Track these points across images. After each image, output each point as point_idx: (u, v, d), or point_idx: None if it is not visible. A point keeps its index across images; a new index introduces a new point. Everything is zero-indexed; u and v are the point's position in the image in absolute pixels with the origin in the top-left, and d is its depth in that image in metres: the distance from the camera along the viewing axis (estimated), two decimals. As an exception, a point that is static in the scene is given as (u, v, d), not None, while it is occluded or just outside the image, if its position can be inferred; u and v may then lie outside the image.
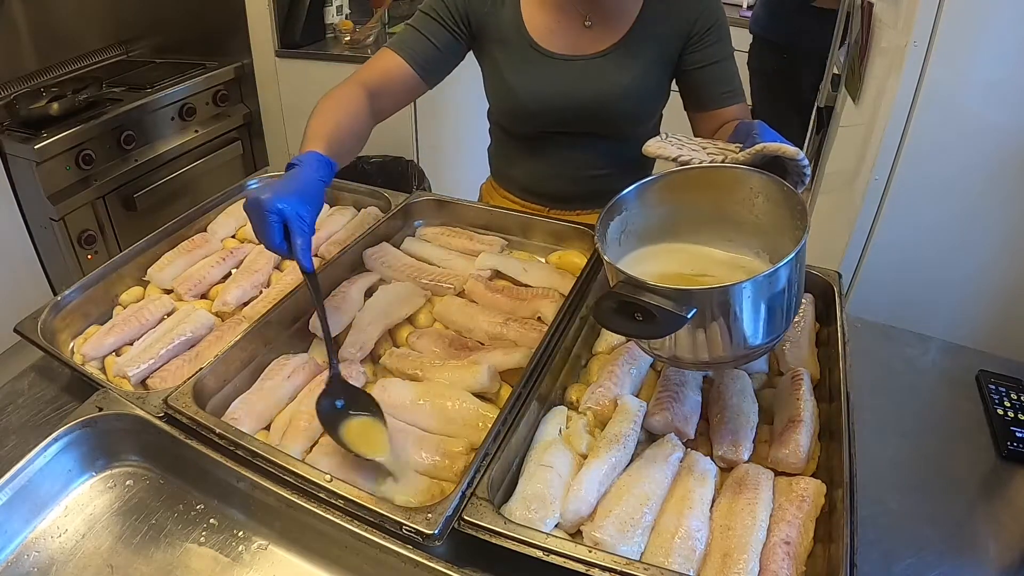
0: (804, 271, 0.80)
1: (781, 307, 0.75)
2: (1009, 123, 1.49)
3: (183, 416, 0.85)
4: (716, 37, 1.18)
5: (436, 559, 0.73)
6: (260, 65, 2.80)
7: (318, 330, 1.07)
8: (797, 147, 0.79)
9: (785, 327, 0.79)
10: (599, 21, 1.19)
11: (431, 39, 1.20)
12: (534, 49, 1.21)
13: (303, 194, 0.86)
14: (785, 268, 0.71)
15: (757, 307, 0.73)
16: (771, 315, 0.75)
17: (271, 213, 0.83)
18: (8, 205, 2.10)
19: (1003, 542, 0.87)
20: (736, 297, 0.72)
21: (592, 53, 1.21)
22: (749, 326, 0.74)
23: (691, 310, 0.69)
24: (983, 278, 1.65)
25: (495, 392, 0.97)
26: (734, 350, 0.76)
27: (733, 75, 1.21)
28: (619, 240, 0.87)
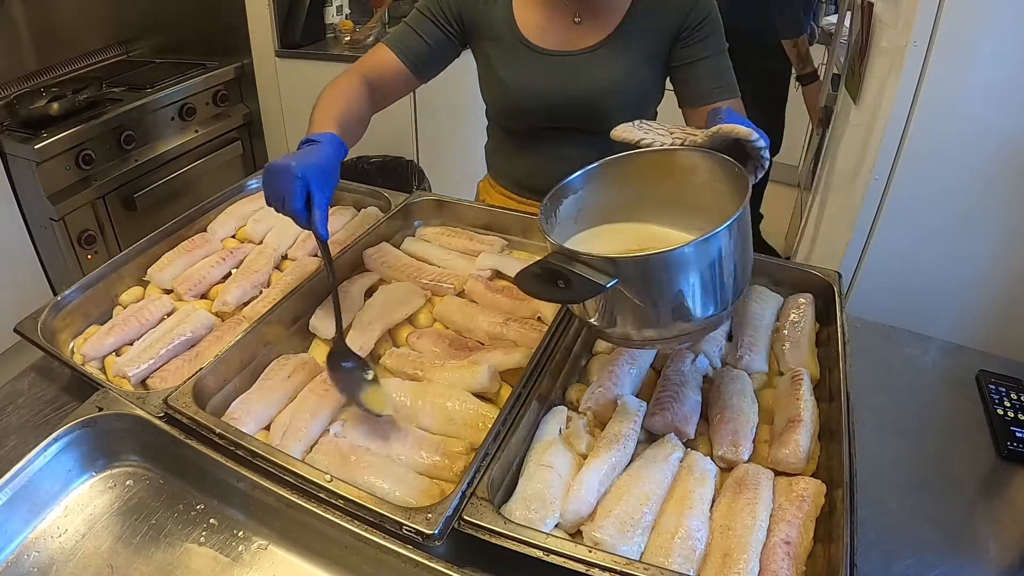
0: (747, 248, 0.79)
1: (712, 282, 0.75)
2: (1009, 123, 1.49)
3: (183, 416, 0.85)
4: (707, 32, 1.17)
5: (436, 559, 0.73)
6: (260, 65, 2.80)
7: (318, 330, 1.07)
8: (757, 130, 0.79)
9: (722, 306, 0.77)
10: (588, 17, 1.20)
11: (424, 37, 1.23)
12: (525, 46, 1.23)
13: (325, 168, 0.92)
14: (708, 242, 0.71)
15: (684, 280, 0.73)
16: (702, 289, 0.74)
17: (298, 179, 0.88)
18: (8, 205, 2.10)
19: (1003, 542, 0.87)
20: (658, 268, 0.72)
21: (581, 49, 1.21)
22: (678, 299, 0.74)
23: (612, 279, 0.71)
24: (983, 278, 1.65)
25: (495, 392, 0.97)
26: (667, 325, 0.76)
27: (725, 71, 1.19)
28: (575, 218, 0.89)
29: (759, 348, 1.05)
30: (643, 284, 0.73)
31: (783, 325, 1.10)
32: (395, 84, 1.24)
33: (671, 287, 0.73)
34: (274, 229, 1.32)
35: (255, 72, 2.82)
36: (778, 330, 1.10)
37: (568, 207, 0.89)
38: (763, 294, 1.15)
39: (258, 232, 1.32)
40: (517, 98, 1.25)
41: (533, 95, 1.24)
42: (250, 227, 1.33)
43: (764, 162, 0.80)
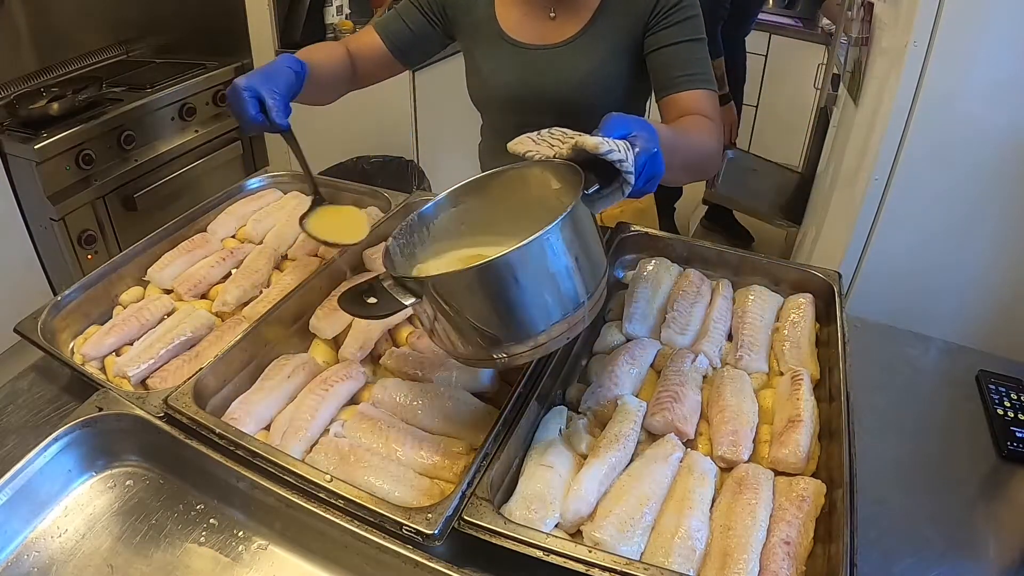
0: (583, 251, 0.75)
1: (539, 292, 0.72)
2: (1009, 123, 1.49)
3: (183, 416, 0.85)
4: (678, 18, 1.14)
5: (436, 559, 0.73)
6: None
7: (318, 330, 1.07)
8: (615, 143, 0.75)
9: (566, 310, 0.74)
10: (562, 11, 1.22)
11: (408, 24, 1.28)
12: (504, 39, 1.25)
13: (269, 73, 1.01)
14: (510, 259, 0.69)
15: (503, 293, 0.71)
16: (530, 301, 0.72)
17: (244, 90, 0.96)
18: (8, 205, 2.10)
19: (1003, 542, 0.87)
20: (463, 284, 0.72)
21: (556, 42, 1.23)
22: (507, 312, 0.73)
23: (413, 298, 0.73)
24: (983, 278, 1.65)
25: (495, 392, 0.97)
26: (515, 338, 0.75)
27: (697, 59, 1.14)
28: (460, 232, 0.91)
29: (759, 348, 1.05)
30: (458, 301, 0.73)
31: (783, 325, 1.10)
32: (378, 66, 1.30)
33: (489, 302, 0.72)
34: (274, 229, 1.32)
35: (255, 72, 2.82)
36: (778, 330, 1.10)
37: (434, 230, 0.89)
38: (763, 294, 1.15)
39: (258, 232, 1.32)
40: (494, 90, 1.27)
41: (507, 86, 1.26)
42: (250, 227, 1.33)
43: (626, 177, 0.76)
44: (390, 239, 0.85)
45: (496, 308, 0.73)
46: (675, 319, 1.09)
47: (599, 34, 1.20)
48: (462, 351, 0.79)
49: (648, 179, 0.80)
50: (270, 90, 0.98)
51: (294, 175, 1.50)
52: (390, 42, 1.27)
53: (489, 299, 0.73)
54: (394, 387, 0.95)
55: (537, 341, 0.76)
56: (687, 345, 1.06)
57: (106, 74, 2.54)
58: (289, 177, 1.50)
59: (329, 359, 1.05)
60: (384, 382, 0.97)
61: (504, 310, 0.73)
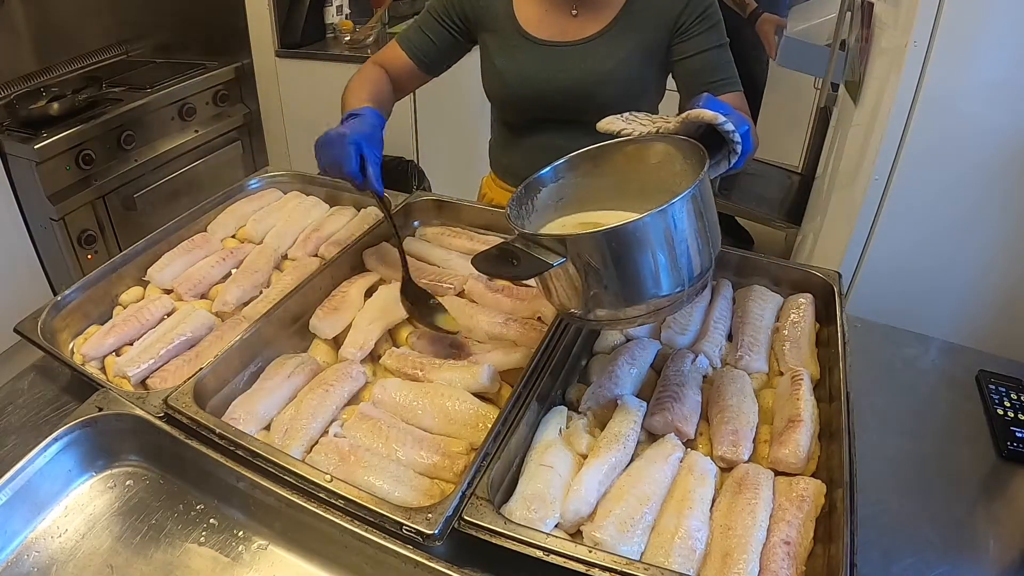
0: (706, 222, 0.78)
1: (668, 256, 0.75)
2: (1009, 123, 1.49)
3: (183, 416, 0.85)
4: (705, 26, 1.18)
5: (436, 559, 0.73)
6: (260, 65, 2.80)
7: (318, 330, 1.07)
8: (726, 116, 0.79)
9: (686, 277, 0.78)
10: (585, 10, 1.23)
11: (431, 36, 1.30)
12: (522, 36, 1.25)
13: (373, 134, 1.06)
14: (652, 220, 0.72)
15: (638, 255, 0.74)
16: (660, 263, 0.75)
17: (351, 144, 1.01)
18: (8, 205, 2.10)
19: (1003, 542, 0.86)
20: (606, 243, 0.74)
21: (577, 40, 1.23)
22: (636, 274, 0.75)
23: (561, 259, 0.74)
24: (983, 278, 1.65)
25: (495, 392, 0.97)
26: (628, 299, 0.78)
27: (725, 64, 1.20)
28: (556, 206, 0.92)
29: (759, 348, 1.05)
30: (595, 261, 0.75)
31: (783, 325, 1.10)
32: (407, 78, 1.33)
33: (626, 262, 0.75)
34: (274, 229, 1.32)
35: (255, 72, 2.81)
36: (778, 330, 1.10)
37: (544, 198, 0.92)
38: (763, 294, 1.15)
39: (258, 232, 1.32)
40: (513, 87, 1.27)
41: (528, 83, 1.26)
42: (250, 227, 1.33)
43: (736, 146, 0.81)
44: (509, 207, 0.85)
45: (635, 266, 0.75)
46: (675, 319, 1.09)
47: (622, 33, 1.21)
48: (587, 310, 0.80)
49: (744, 155, 0.84)
50: (373, 153, 1.04)
51: (294, 175, 1.50)
52: (416, 57, 1.30)
53: (632, 258, 0.75)
54: (394, 387, 0.95)
55: (665, 302, 0.79)
56: (687, 345, 1.06)
57: (106, 74, 2.55)
58: (289, 177, 1.50)
59: (329, 359, 1.05)
60: (384, 382, 0.97)
61: (642, 269, 0.75)
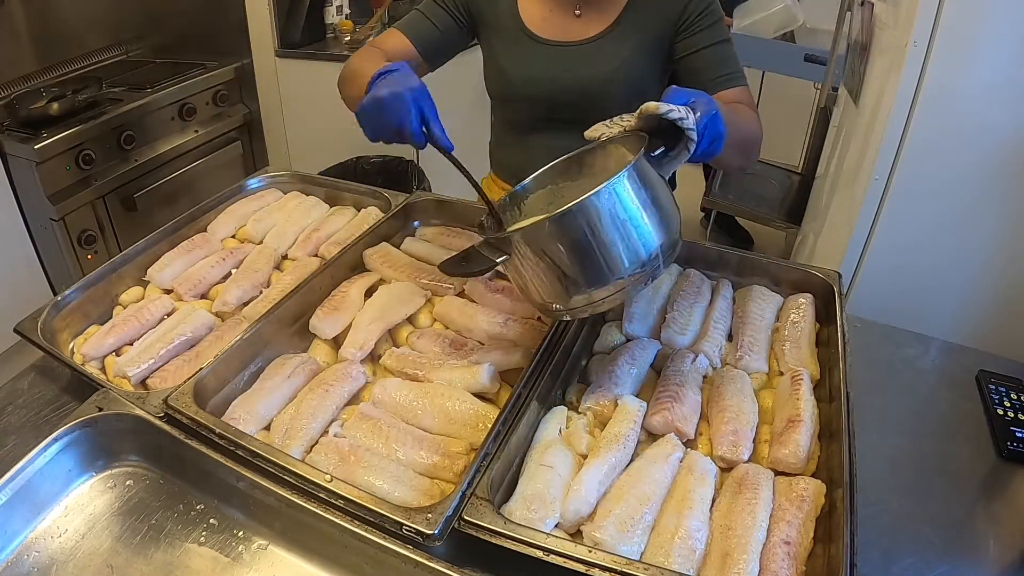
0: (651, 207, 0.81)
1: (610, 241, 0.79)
2: (1009, 123, 1.49)
3: (183, 416, 0.85)
4: (707, 23, 1.18)
5: (436, 559, 0.73)
6: (260, 65, 2.80)
7: (318, 330, 1.07)
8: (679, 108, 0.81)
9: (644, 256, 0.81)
10: (589, 10, 1.23)
11: (434, 22, 1.27)
12: (526, 35, 1.25)
13: (424, 88, 0.93)
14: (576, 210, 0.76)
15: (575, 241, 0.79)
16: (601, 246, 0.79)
17: (411, 102, 0.89)
18: (8, 205, 2.10)
19: (1003, 542, 0.86)
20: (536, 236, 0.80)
21: (581, 39, 1.23)
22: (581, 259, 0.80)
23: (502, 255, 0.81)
24: (983, 278, 1.65)
25: (495, 392, 0.97)
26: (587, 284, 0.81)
27: (729, 59, 1.20)
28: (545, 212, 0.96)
29: (759, 348, 1.05)
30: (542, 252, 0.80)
31: (783, 325, 1.10)
32: None
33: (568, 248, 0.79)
34: (274, 229, 1.32)
35: (255, 72, 2.81)
36: (778, 330, 1.10)
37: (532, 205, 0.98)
38: (763, 294, 1.15)
39: (258, 232, 1.32)
40: (517, 86, 1.27)
41: (532, 83, 1.26)
42: (250, 227, 1.33)
43: (692, 133, 0.82)
44: (484, 216, 0.91)
45: (575, 254, 0.79)
46: (675, 319, 1.09)
47: (626, 33, 1.22)
48: (551, 301, 0.85)
49: (712, 140, 0.85)
50: (430, 104, 0.91)
51: (294, 175, 1.50)
52: (418, 43, 1.25)
53: (569, 246, 0.79)
54: (394, 387, 0.95)
55: (617, 285, 0.82)
56: (687, 345, 1.06)
57: (106, 74, 2.54)
58: (289, 177, 1.50)
59: (329, 359, 1.05)
60: (384, 382, 0.97)
61: (583, 256, 0.79)
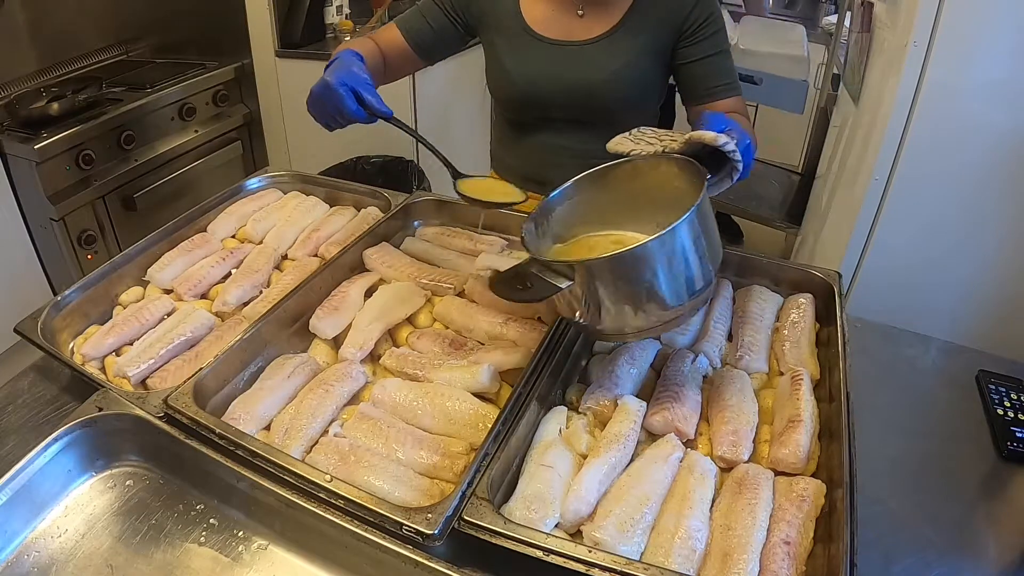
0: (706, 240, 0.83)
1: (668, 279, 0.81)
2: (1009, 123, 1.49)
3: (183, 416, 0.85)
4: (710, 31, 1.20)
5: (436, 559, 0.73)
6: (260, 65, 2.80)
7: (318, 330, 1.07)
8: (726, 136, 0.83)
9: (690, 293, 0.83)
10: (592, 10, 1.23)
11: (430, 22, 1.29)
12: (529, 34, 1.25)
13: (358, 69, 1.03)
14: (653, 244, 0.78)
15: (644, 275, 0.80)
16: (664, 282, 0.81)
17: (340, 87, 0.98)
18: (8, 205, 2.10)
19: (1003, 542, 0.87)
20: (612, 267, 0.80)
21: (584, 39, 1.24)
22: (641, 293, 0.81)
23: (569, 282, 0.80)
24: (983, 278, 1.65)
25: (495, 392, 0.97)
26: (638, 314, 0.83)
27: (728, 69, 1.23)
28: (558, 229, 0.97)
29: (759, 348, 1.05)
30: (601, 283, 0.81)
31: (783, 325, 1.10)
32: (402, 61, 1.31)
33: (629, 283, 0.81)
34: (274, 229, 1.32)
35: (255, 72, 2.81)
36: (778, 330, 1.10)
37: (557, 217, 0.96)
38: (763, 294, 1.15)
39: (258, 232, 1.32)
40: (519, 85, 1.27)
41: (534, 82, 1.26)
42: (250, 227, 1.33)
43: (738, 164, 0.85)
44: (522, 229, 0.91)
45: (647, 283, 0.80)
46: (675, 319, 1.09)
47: (629, 34, 1.22)
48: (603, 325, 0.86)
49: (745, 168, 0.88)
50: (364, 83, 1.00)
51: (294, 175, 1.50)
52: (412, 40, 1.29)
53: (635, 279, 0.80)
54: (394, 387, 0.95)
55: (677, 311, 0.84)
56: (687, 345, 1.06)
57: (106, 74, 2.54)
58: (289, 177, 1.50)
59: (329, 359, 1.05)
60: (384, 382, 0.97)
61: (653, 284, 0.81)
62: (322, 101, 1.01)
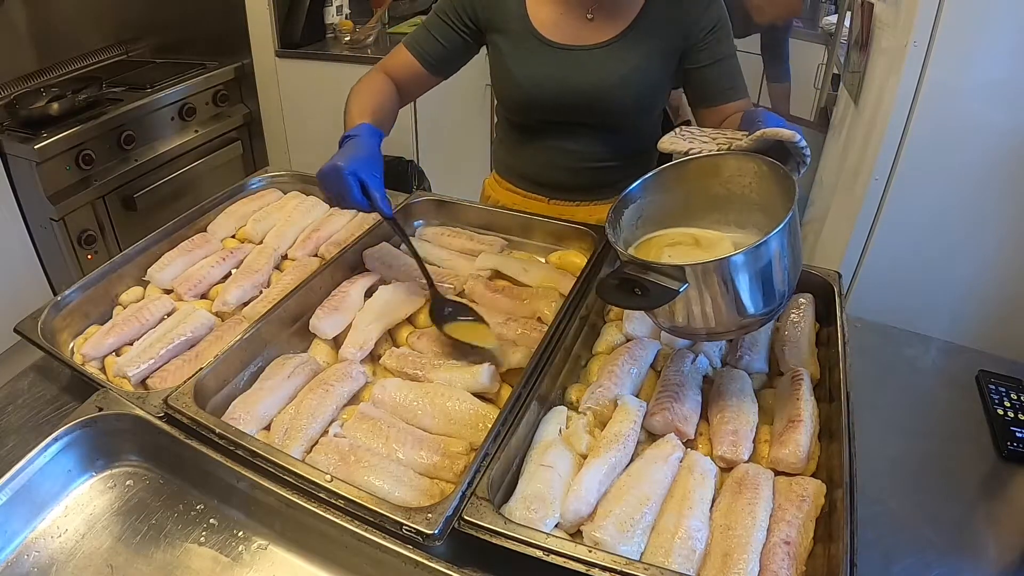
0: (797, 245, 0.85)
1: (771, 278, 0.81)
2: (1009, 123, 1.49)
3: (183, 416, 0.85)
4: (720, 36, 1.21)
5: (436, 559, 0.73)
6: (260, 65, 2.80)
7: (318, 330, 1.07)
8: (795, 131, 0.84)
9: (779, 299, 0.84)
10: (601, 14, 1.22)
11: (439, 39, 1.30)
12: (536, 39, 1.25)
13: (369, 157, 1.04)
14: (769, 243, 0.78)
15: (747, 279, 0.80)
16: (763, 285, 0.81)
17: (349, 175, 0.99)
18: (8, 205, 2.10)
19: (1003, 542, 0.87)
20: (724, 270, 0.79)
21: (593, 44, 1.23)
22: (742, 296, 0.81)
23: (683, 284, 0.78)
24: (983, 278, 1.65)
25: (495, 392, 0.97)
26: (733, 318, 0.83)
27: (737, 72, 1.23)
28: (636, 225, 0.96)
29: (759, 348, 1.05)
30: (711, 285, 0.80)
31: (783, 325, 1.10)
32: (416, 83, 1.32)
33: (734, 287, 0.80)
34: (274, 229, 1.32)
35: (255, 72, 2.82)
36: (778, 330, 1.10)
37: (629, 215, 0.95)
38: (763, 294, 1.15)
39: (258, 232, 1.32)
40: (526, 89, 1.27)
41: (540, 85, 1.26)
42: (250, 227, 1.33)
43: (806, 159, 0.86)
44: (607, 228, 0.89)
45: (743, 290, 0.80)
46: (675, 319, 1.09)
47: (638, 38, 1.22)
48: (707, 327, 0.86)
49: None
50: (373, 177, 1.02)
51: (294, 175, 1.50)
52: (424, 60, 1.30)
53: (742, 282, 0.80)
54: (394, 387, 0.95)
55: (771, 314, 0.86)
56: (687, 345, 1.06)
57: (106, 74, 2.55)
58: (289, 177, 1.50)
59: (329, 359, 1.05)
60: (384, 382, 0.97)
61: (759, 286, 0.81)
62: (330, 184, 1.01)
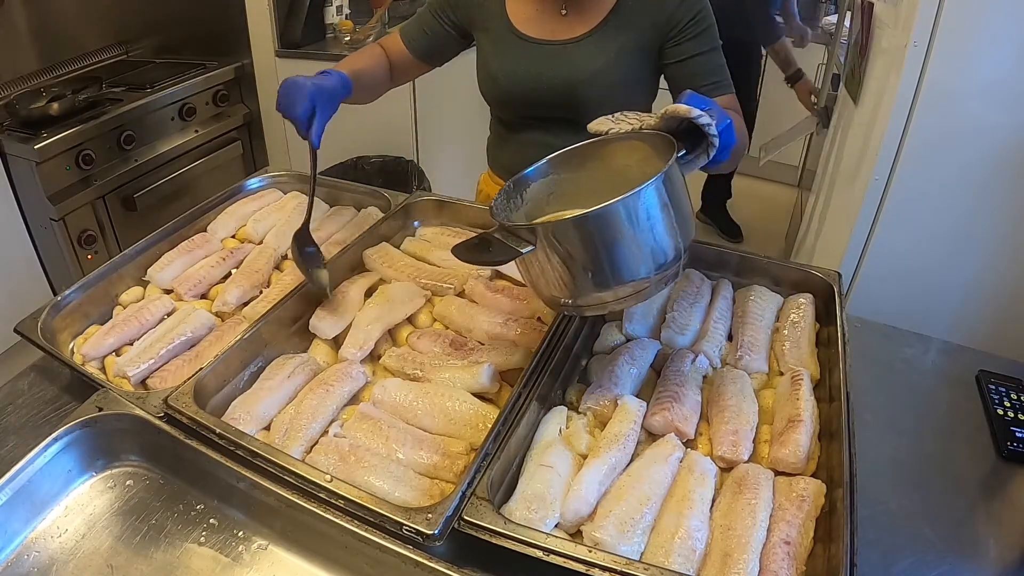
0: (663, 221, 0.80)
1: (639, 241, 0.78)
2: (1009, 123, 1.49)
3: (183, 416, 0.85)
4: (698, 30, 1.18)
5: (436, 559, 0.73)
6: (260, 65, 2.80)
7: (318, 330, 1.07)
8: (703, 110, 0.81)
9: (660, 261, 0.80)
10: (574, 10, 1.23)
11: (426, 30, 1.35)
12: (514, 34, 1.27)
13: (330, 92, 1.12)
14: (616, 206, 0.75)
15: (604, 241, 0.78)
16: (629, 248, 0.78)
17: (309, 91, 1.06)
18: (8, 205, 2.10)
19: (1003, 542, 0.86)
20: (573, 231, 0.78)
21: (566, 39, 1.24)
22: (607, 260, 0.79)
23: (529, 245, 0.78)
24: (983, 278, 1.65)
25: (495, 392, 0.97)
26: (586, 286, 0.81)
27: (718, 67, 1.21)
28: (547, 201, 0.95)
29: (759, 348, 1.05)
30: (566, 247, 0.78)
31: (783, 325, 1.10)
32: (407, 66, 1.38)
33: (595, 247, 0.78)
34: (274, 229, 1.32)
35: (255, 72, 2.81)
36: (778, 330, 1.10)
37: (539, 189, 0.95)
38: (763, 294, 1.15)
39: (258, 232, 1.32)
40: (503, 85, 1.29)
41: (516, 80, 1.27)
42: (250, 227, 1.33)
43: (714, 139, 0.83)
44: (492, 201, 0.90)
45: (607, 250, 0.78)
46: (675, 319, 1.09)
47: (611, 33, 1.22)
48: (564, 296, 0.84)
49: (724, 148, 0.86)
50: (323, 107, 1.08)
51: (294, 175, 1.50)
52: (411, 48, 1.35)
53: (602, 241, 0.78)
54: (394, 387, 0.95)
55: (638, 285, 0.82)
56: (687, 345, 1.06)
57: (106, 74, 2.55)
58: (289, 177, 1.50)
59: (329, 359, 1.05)
60: (384, 382, 0.97)
61: (613, 252, 0.78)
62: (287, 94, 1.07)
